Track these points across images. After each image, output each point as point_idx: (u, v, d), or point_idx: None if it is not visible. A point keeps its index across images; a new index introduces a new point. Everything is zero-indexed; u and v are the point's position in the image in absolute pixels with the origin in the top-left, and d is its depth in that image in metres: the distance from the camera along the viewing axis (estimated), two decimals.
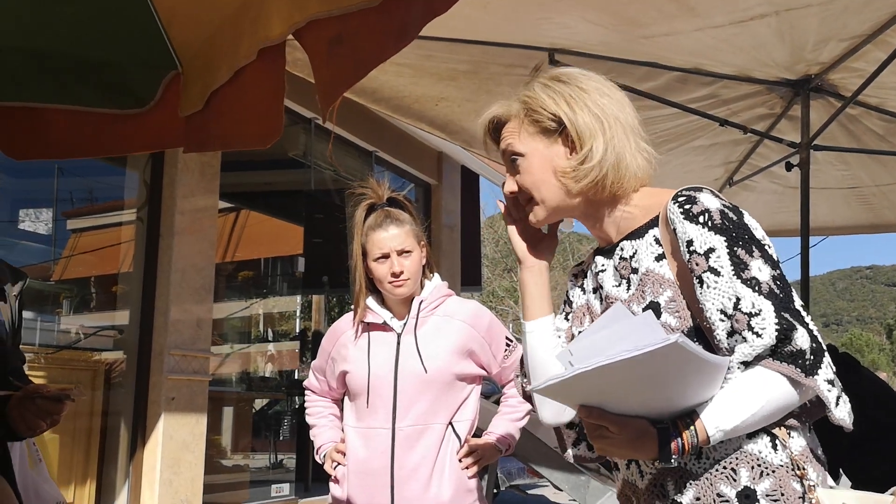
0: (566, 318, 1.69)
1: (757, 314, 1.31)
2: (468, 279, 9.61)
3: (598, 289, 1.57)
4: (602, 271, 1.56)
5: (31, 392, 1.69)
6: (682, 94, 3.66)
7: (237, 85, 1.58)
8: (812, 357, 1.29)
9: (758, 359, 1.32)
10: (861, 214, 5.21)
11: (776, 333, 1.29)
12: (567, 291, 1.73)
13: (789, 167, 3.94)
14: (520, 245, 1.66)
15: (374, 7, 1.23)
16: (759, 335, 1.30)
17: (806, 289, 3.87)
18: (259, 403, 8.67)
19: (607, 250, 1.58)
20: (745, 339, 1.32)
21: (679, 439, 1.33)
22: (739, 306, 1.33)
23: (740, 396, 1.32)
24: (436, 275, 2.53)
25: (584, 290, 1.64)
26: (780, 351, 1.30)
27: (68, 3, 1.74)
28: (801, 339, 1.29)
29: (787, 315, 1.31)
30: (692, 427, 1.33)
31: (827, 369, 1.31)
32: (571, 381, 1.31)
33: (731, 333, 1.35)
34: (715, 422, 1.32)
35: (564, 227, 11.98)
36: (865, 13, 3.04)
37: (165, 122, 1.84)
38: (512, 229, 1.67)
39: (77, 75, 1.83)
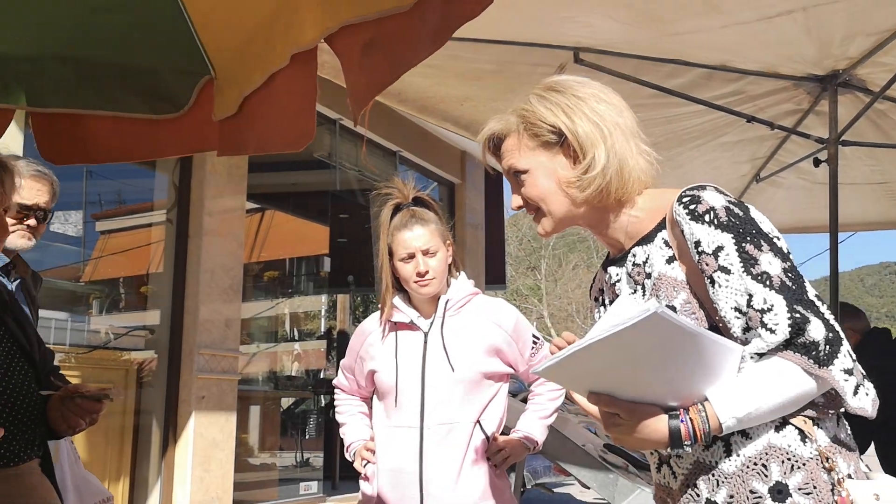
0: None
1: (769, 310, 1.31)
2: (492, 277, 9.62)
3: (615, 300, 1.57)
4: (617, 281, 1.57)
5: (72, 392, 1.73)
6: (708, 90, 3.65)
7: (270, 90, 1.61)
8: (827, 347, 1.29)
9: (773, 351, 1.33)
10: (890, 210, 5.15)
11: (789, 328, 1.30)
12: (594, 314, 1.74)
13: (817, 163, 3.91)
14: None
15: (405, 11, 1.25)
16: (772, 331, 1.31)
17: (835, 285, 3.84)
18: (286, 402, 8.74)
19: (618, 259, 1.58)
20: (759, 335, 1.33)
21: (690, 425, 1.34)
22: (752, 303, 1.33)
23: (753, 385, 1.33)
24: (462, 273, 2.54)
25: (605, 306, 1.63)
26: (795, 343, 1.30)
27: (108, 13, 1.79)
28: (816, 331, 1.30)
29: (799, 307, 1.31)
30: (704, 413, 1.34)
31: (844, 359, 1.30)
32: (568, 361, 1.33)
33: (746, 329, 1.36)
34: (727, 409, 1.33)
35: None
36: (893, 7, 3.01)
37: (199, 127, 1.87)
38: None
39: (116, 82, 1.88)
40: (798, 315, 1.30)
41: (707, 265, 1.37)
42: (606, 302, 1.62)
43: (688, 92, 3.60)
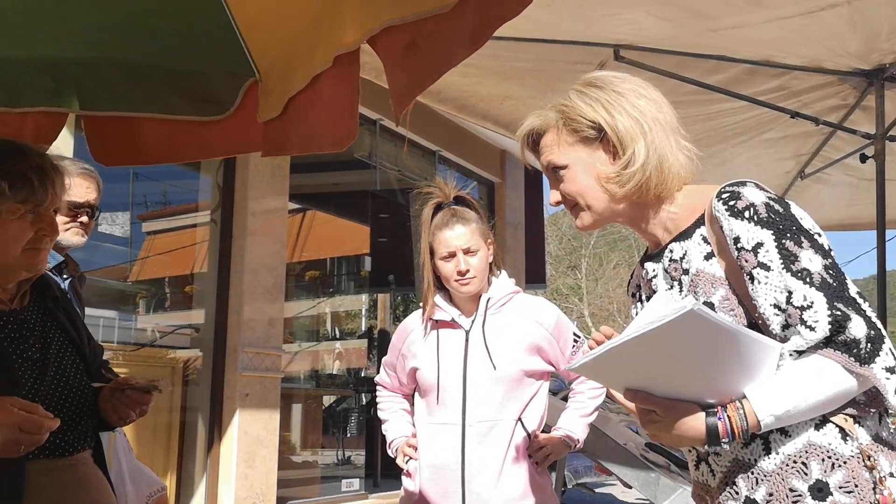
0: None
1: (809, 307, 1.30)
2: (532, 276, 9.59)
3: (651, 296, 1.57)
4: (653, 277, 1.56)
5: (122, 384, 1.78)
6: (751, 86, 3.61)
7: (313, 91, 1.64)
8: (869, 345, 1.28)
9: (813, 348, 1.31)
10: None
11: (829, 326, 1.29)
12: (631, 311, 1.73)
13: (864, 159, 3.84)
14: None
15: (445, 12, 1.27)
16: (812, 329, 1.30)
17: (882, 283, 3.77)
18: (328, 400, 8.82)
19: (655, 255, 1.57)
20: (798, 333, 1.32)
21: (728, 423, 1.33)
22: (791, 300, 1.32)
23: (792, 383, 1.31)
24: (503, 272, 2.55)
25: (642, 302, 1.63)
26: (835, 340, 1.29)
27: (156, 17, 1.83)
28: (857, 329, 1.28)
29: (840, 305, 1.29)
30: (742, 411, 1.33)
31: (887, 356, 1.29)
32: (604, 358, 1.33)
33: (785, 326, 1.34)
34: (765, 407, 1.32)
35: None
36: None
37: (244, 128, 1.91)
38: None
39: (165, 85, 1.92)
40: (839, 312, 1.29)
41: (746, 262, 1.36)
42: (643, 298, 1.62)
43: (730, 88, 3.57)
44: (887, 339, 1.31)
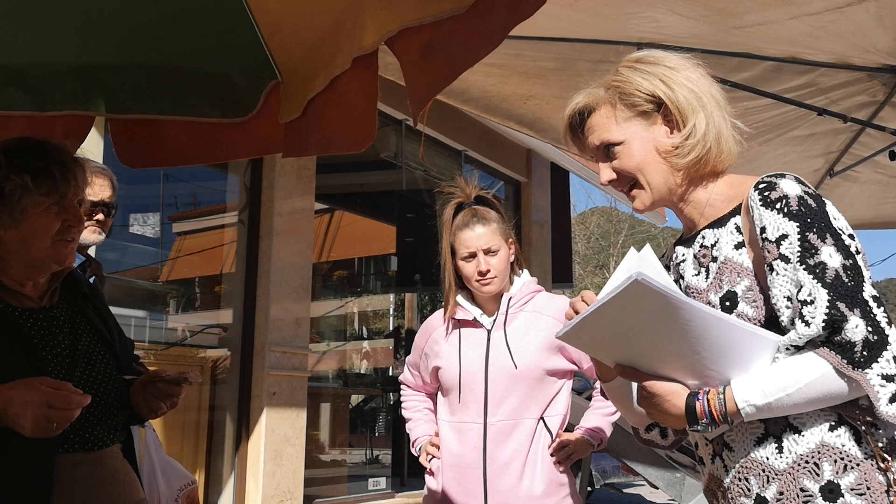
0: None
1: (810, 302, 1.30)
2: (559, 276, 9.57)
3: (678, 280, 1.57)
4: (683, 261, 1.56)
5: (153, 376, 1.81)
6: (777, 83, 3.57)
7: (333, 92, 1.66)
8: (866, 350, 1.26)
9: (810, 346, 1.31)
10: None
11: (823, 324, 1.28)
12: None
13: (893, 156, 3.79)
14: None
15: (463, 13, 1.28)
16: (807, 323, 1.30)
17: None
18: (355, 399, 8.86)
19: (687, 240, 1.57)
20: (795, 327, 1.32)
21: (707, 405, 1.34)
22: (800, 294, 1.32)
23: (780, 376, 1.31)
24: (525, 271, 2.55)
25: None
26: (832, 340, 1.28)
27: (181, 22, 1.86)
28: (854, 331, 1.27)
29: (842, 305, 1.28)
30: (722, 395, 1.34)
31: (887, 364, 1.26)
32: (580, 328, 1.36)
33: (792, 321, 1.34)
34: (746, 394, 1.32)
35: (657, 222, 11.70)
36: None
37: (266, 130, 1.94)
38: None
39: (190, 87, 1.95)
40: (837, 313, 1.28)
41: (769, 252, 1.36)
42: (671, 281, 1.61)
43: (756, 86, 3.53)
44: (893, 346, 1.27)
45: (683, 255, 1.56)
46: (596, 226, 29.77)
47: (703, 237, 1.52)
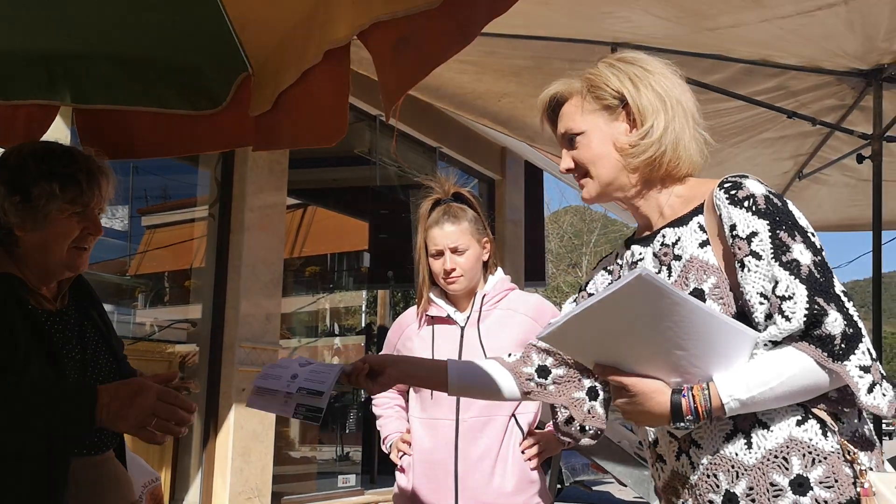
0: None
1: (789, 298, 1.32)
2: (532, 274, 9.60)
3: None
4: (640, 260, 1.58)
5: (158, 380, 1.79)
6: (748, 86, 3.61)
7: (304, 86, 1.64)
8: (843, 343, 1.30)
9: (788, 340, 1.33)
10: None
11: (805, 318, 1.30)
12: (588, 283, 1.75)
13: (860, 159, 3.84)
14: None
15: (436, 8, 1.27)
16: (788, 319, 1.32)
17: (878, 284, 3.77)
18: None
19: (643, 239, 1.59)
20: (775, 322, 1.34)
21: (692, 401, 1.35)
22: (776, 290, 1.34)
23: (762, 371, 1.33)
24: (499, 269, 2.55)
25: None
26: (811, 334, 1.31)
27: (150, 11, 1.84)
28: (833, 325, 1.30)
29: (820, 299, 1.31)
30: (706, 391, 1.35)
31: (863, 356, 1.30)
32: (567, 328, 1.36)
33: (768, 316, 1.36)
34: (730, 389, 1.34)
35: (630, 221, 11.76)
36: None
37: (236, 122, 1.92)
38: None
39: (158, 78, 1.93)
40: (817, 307, 1.30)
41: (739, 249, 1.38)
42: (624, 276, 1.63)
43: (728, 87, 3.56)
44: (866, 339, 1.32)
45: (641, 253, 1.58)
46: (569, 224, 29.93)
47: (664, 236, 1.53)
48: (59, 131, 3.99)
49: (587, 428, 1.75)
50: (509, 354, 1.84)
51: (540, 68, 3.45)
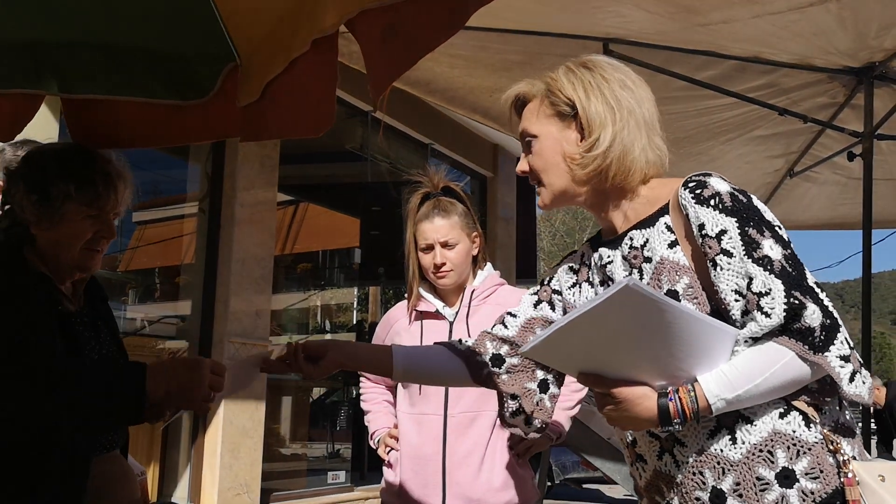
0: (550, 306, 1.71)
1: (767, 293, 1.32)
2: (523, 271, 9.60)
3: (606, 281, 1.58)
4: (609, 262, 1.57)
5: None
6: (740, 83, 3.61)
7: (291, 75, 1.62)
8: (823, 334, 1.30)
9: (768, 335, 1.33)
10: None
11: (784, 313, 1.31)
12: (552, 280, 1.73)
13: (851, 157, 3.85)
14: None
15: None
16: (767, 315, 1.32)
17: (867, 283, 3.77)
18: (316, 393, 8.81)
19: (611, 241, 1.58)
20: (754, 319, 1.34)
21: (679, 403, 1.35)
22: (752, 286, 1.34)
23: (745, 368, 1.34)
24: (488, 265, 2.55)
25: (591, 283, 1.64)
26: (790, 328, 1.32)
27: (138, 0, 1.83)
28: (812, 317, 1.31)
29: (797, 293, 1.32)
30: (692, 393, 1.35)
31: (841, 346, 1.31)
32: (552, 340, 1.35)
33: (745, 313, 1.36)
34: (715, 389, 1.34)
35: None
36: None
37: (223, 113, 1.90)
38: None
39: (145, 68, 1.91)
40: (795, 301, 1.31)
41: (710, 248, 1.39)
42: (593, 279, 1.63)
43: (719, 84, 3.56)
44: (843, 328, 1.33)
45: (609, 256, 1.57)
46: (561, 223, 29.94)
47: (632, 238, 1.52)
48: (47, 123, 3.98)
49: (534, 421, 1.72)
50: (460, 341, 1.82)
51: (531, 63, 3.44)
